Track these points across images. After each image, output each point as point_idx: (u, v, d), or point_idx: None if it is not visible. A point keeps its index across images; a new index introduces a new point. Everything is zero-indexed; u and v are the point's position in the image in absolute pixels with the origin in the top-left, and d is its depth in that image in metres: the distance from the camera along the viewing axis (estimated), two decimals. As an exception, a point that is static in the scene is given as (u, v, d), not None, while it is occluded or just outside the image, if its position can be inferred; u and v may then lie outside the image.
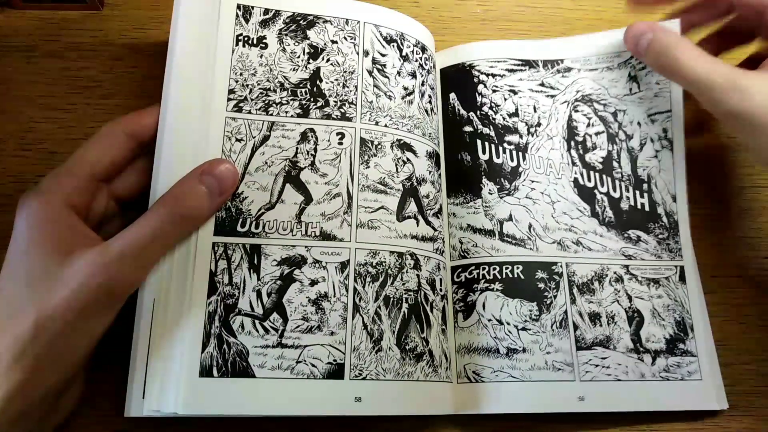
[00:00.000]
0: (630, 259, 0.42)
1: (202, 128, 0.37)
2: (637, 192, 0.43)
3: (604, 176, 0.43)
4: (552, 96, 0.44)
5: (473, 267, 0.40)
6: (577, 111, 0.44)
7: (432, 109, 0.43)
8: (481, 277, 0.40)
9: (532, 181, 0.42)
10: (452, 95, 0.44)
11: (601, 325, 0.40)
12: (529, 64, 0.45)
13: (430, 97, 0.43)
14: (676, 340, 0.40)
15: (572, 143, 0.43)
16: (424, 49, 0.43)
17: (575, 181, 0.43)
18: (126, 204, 0.37)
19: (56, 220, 0.32)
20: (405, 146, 0.40)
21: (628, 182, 0.43)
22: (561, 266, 0.41)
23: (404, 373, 0.35)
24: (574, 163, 0.43)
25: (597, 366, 0.39)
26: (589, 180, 0.43)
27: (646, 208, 0.42)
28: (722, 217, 0.45)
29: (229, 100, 0.37)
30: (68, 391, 0.33)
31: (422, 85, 0.42)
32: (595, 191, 0.43)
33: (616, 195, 0.43)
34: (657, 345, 0.40)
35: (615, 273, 0.41)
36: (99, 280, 0.30)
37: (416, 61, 0.42)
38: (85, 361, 0.32)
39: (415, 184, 0.39)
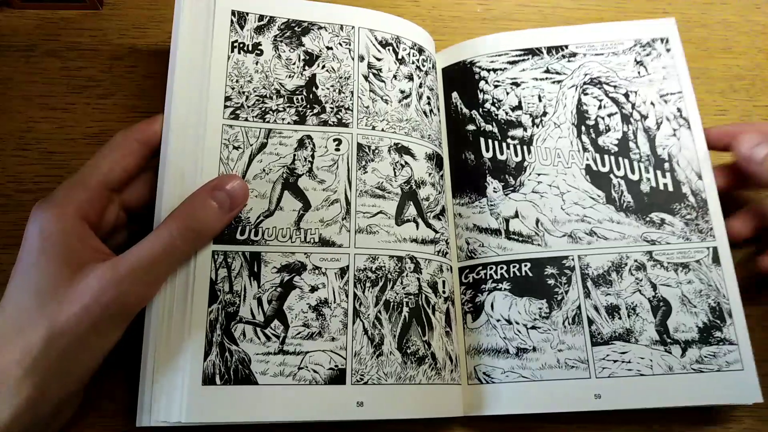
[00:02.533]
0: (653, 244, 0.39)
1: (200, 136, 0.37)
2: (659, 172, 0.41)
3: (620, 158, 0.41)
4: (558, 81, 0.43)
5: (480, 267, 0.40)
6: (586, 94, 0.43)
7: (432, 111, 0.42)
8: (488, 277, 0.40)
9: (539, 174, 0.41)
10: (454, 94, 0.44)
11: (620, 318, 0.38)
12: (532, 52, 0.44)
13: (429, 98, 0.42)
14: (711, 327, 0.37)
15: (583, 128, 0.42)
16: (421, 51, 0.43)
17: (587, 167, 0.41)
18: (131, 215, 0.37)
19: (68, 232, 0.32)
20: (403, 149, 0.40)
21: (647, 162, 0.41)
22: (573, 260, 0.39)
23: (406, 377, 0.35)
24: (585, 149, 0.41)
25: (616, 361, 0.37)
26: (603, 165, 0.41)
27: (670, 188, 0.40)
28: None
29: (225, 107, 0.38)
30: (67, 403, 0.33)
31: (420, 87, 0.42)
32: (611, 176, 0.41)
33: (635, 177, 0.41)
34: (688, 335, 0.37)
35: (636, 261, 0.39)
36: (111, 295, 0.30)
37: (413, 63, 0.42)
38: (93, 375, 0.32)
39: (414, 187, 0.39)
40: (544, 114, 0.43)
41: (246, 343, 0.34)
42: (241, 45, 0.39)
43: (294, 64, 0.40)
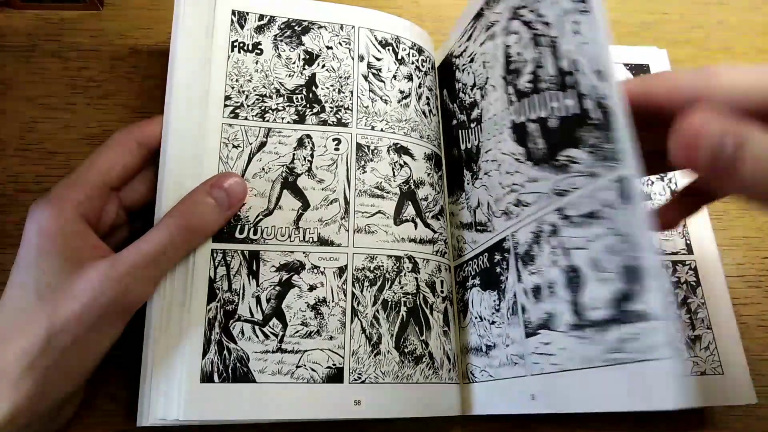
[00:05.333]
0: (563, 195, 0.29)
1: (199, 135, 0.37)
2: (566, 94, 0.29)
3: (534, 96, 0.32)
4: (492, 35, 0.36)
5: (465, 264, 0.40)
6: (509, 33, 0.34)
7: (431, 111, 0.43)
8: (468, 274, 0.39)
9: (487, 152, 0.37)
10: (444, 92, 0.44)
11: (542, 301, 0.30)
12: (478, 15, 0.38)
13: (428, 98, 0.43)
14: (624, 298, 0.25)
15: (509, 77, 0.34)
16: (420, 51, 0.43)
17: (512, 124, 0.34)
18: (132, 213, 0.38)
19: (67, 229, 0.32)
20: (402, 150, 0.40)
21: (555, 87, 0.30)
22: (508, 240, 0.34)
23: (403, 376, 0.35)
24: (511, 102, 0.34)
25: (542, 354, 0.30)
26: (524, 113, 0.33)
27: (575, 110, 0.28)
28: (723, 218, 0.45)
29: (225, 106, 0.38)
30: (69, 401, 0.33)
31: (419, 87, 0.42)
32: (528, 123, 0.32)
33: (545, 113, 0.31)
34: (601, 312, 0.26)
35: (551, 225, 0.30)
36: (110, 294, 0.30)
37: (412, 63, 0.42)
38: (92, 373, 0.32)
39: (413, 187, 0.40)
40: (486, 81, 0.37)
41: (244, 341, 0.34)
42: (241, 44, 0.39)
43: (294, 63, 0.40)
